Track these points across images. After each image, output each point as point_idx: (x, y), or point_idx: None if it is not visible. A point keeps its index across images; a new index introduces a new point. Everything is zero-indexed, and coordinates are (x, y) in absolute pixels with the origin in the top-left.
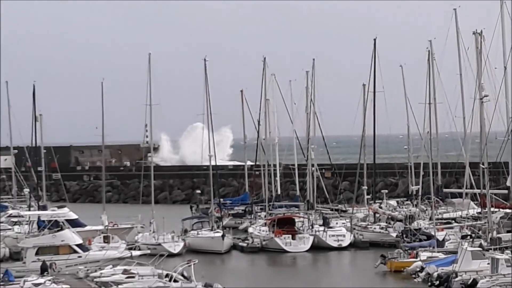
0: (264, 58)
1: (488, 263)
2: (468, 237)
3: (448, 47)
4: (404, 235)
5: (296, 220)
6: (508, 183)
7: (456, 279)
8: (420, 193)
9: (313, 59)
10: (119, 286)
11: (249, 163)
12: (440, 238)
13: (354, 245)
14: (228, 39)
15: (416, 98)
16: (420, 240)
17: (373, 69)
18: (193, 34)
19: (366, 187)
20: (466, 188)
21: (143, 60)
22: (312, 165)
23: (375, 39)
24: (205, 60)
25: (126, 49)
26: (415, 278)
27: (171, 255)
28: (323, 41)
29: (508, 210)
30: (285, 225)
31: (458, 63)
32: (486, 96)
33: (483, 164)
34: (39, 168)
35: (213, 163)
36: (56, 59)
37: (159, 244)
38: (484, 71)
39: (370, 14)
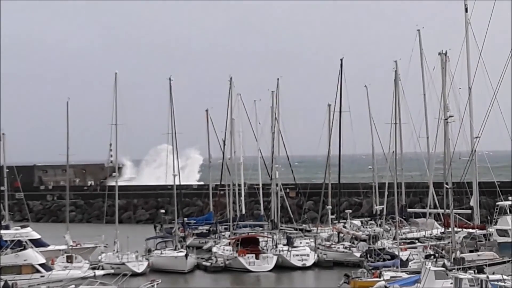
0: (231, 78)
1: (451, 283)
2: (432, 257)
3: (414, 68)
4: (368, 255)
5: (260, 239)
6: (471, 203)
7: None
8: (384, 213)
9: (277, 79)
10: None
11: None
12: (404, 258)
13: (318, 265)
14: (194, 58)
15: (382, 118)
16: (384, 260)
17: (340, 89)
18: (160, 53)
19: (330, 207)
20: (430, 208)
21: (109, 78)
22: (277, 185)
23: (341, 59)
24: (170, 79)
25: (92, 67)
26: None
27: (135, 275)
28: (289, 61)
29: (471, 230)
30: (249, 245)
31: (422, 83)
32: (451, 116)
33: (447, 184)
34: (1, 188)
35: (177, 182)
36: (21, 77)
37: (123, 264)
38: (449, 91)
39: (337, 34)
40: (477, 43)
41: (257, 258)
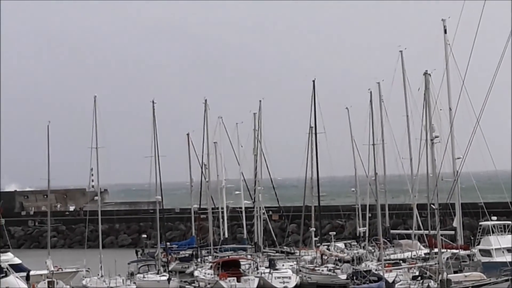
0: (205, 100)
1: None
2: (419, 278)
3: (397, 89)
4: (354, 277)
5: (242, 262)
6: (454, 224)
7: None
8: (367, 235)
9: (260, 101)
10: None
11: (196, 206)
12: (390, 280)
13: (301, 287)
14: (174, 84)
15: (365, 140)
16: (370, 282)
17: (314, 110)
18: (140, 76)
19: (314, 229)
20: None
21: (89, 102)
22: (260, 208)
23: (314, 81)
24: (153, 102)
25: (72, 92)
26: None
27: None
28: (271, 84)
29: (454, 251)
30: (230, 268)
31: (405, 104)
32: (437, 137)
33: (433, 205)
34: None
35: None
36: None
37: None
38: (433, 112)
39: (318, 54)
40: (457, 66)
41: (238, 281)
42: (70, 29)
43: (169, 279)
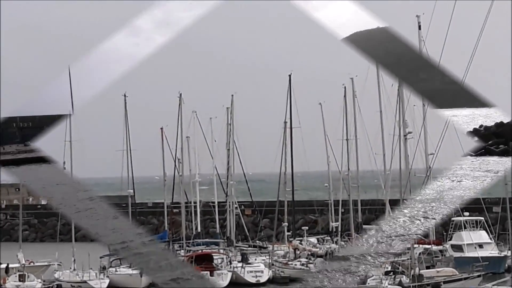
0: (180, 94)
1: None
2: (391, 273)
3: (371, 84)
4: None
5: (215, 256)
6: None
7: None
8: (339, 230)
9: (232, 95)
10: None
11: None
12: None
13: (274, 281)
14: (147, 77)
15: (340, 135)
16: None
17: (289, 105)
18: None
19: (286, 224)
20: None
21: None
22: (233, 203)
23: (290, 75)
24: (125, 95)
25: (45, 82)
26: None
27: None
28: (244, 78)
29: (427, 246)
30: (203, 262)
31: (379, 100)
32: (410, 132)
33: (406, 201)
34: None
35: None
36: None
37: (85, 282)
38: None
39: (291, 48)
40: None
41: (211, 275)
42: (41, 19)
43: (141, 273)
